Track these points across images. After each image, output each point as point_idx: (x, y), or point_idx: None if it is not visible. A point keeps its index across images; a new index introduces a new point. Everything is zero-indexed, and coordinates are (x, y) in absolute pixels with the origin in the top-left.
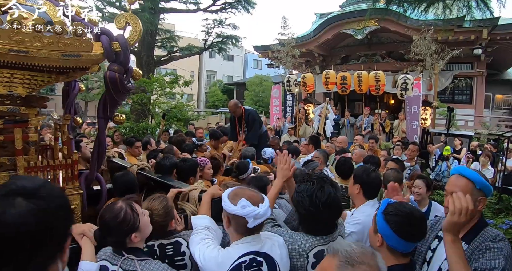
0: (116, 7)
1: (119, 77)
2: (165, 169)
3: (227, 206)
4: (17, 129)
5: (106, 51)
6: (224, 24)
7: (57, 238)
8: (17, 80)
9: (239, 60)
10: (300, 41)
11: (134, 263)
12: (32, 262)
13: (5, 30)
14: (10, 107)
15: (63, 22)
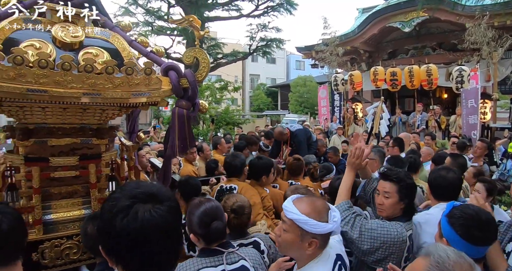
0: (164, 20)
1: (186, 113)
2: (236, 169)
3: (320, 227)
4: (91, 165)
5: (175, 87)
6: (268, 27)
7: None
8: (89, 114)
9: (282, 62)
10: (344, 38)
11: (236, 254)
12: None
13: (79, 75)
14: (83, 138)
15: (133, 63)
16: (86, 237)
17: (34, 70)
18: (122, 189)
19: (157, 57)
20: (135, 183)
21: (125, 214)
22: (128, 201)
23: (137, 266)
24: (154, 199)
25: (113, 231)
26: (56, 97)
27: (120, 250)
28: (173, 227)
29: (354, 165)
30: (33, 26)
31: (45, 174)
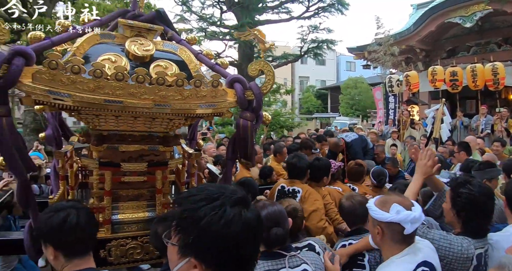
0: (216, 25)
1: (250, 125)
2: (301, 171)
3: (379, 214)
4: (158, 171)
5: (240, 99)
6: (319, 29)
7: None
8: (157, 123)
9: (332, 64)
10: (399, 37)
11: (298, 258)
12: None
13: (152, 87)
14: (150, 146)
15: (202, 76)
16: (156, 238)
17: (111, 82)
18: (207, 191)
19: (222, 69)
20: (219, 187)
21: (219, 217)
22: (219, 204)
23: (229, 268)
24: (242, 203)
25: (205, 234)
26: (129, 107)
27: (211, 253)
28: (259, 230)
29: (424, 168)
30: (108, 40)
31: (116, 178)
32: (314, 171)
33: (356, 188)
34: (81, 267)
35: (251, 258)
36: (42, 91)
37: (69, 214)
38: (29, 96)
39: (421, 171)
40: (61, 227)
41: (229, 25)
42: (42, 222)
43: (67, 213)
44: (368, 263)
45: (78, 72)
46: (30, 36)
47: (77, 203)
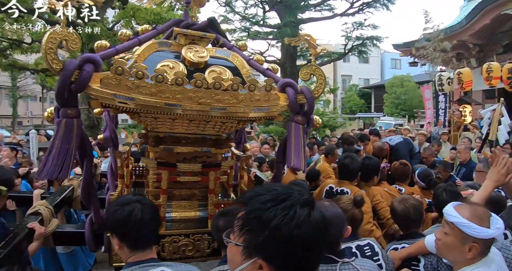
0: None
1: (302, 129)
2: (352, 172)
3: (479, 231)
4: (211, 172)
5: (292, 103)
6: (363, 25)
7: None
8: (210, 126)
9: (376, 61)
10: (449, 32)
11: (351, 265)
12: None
13: (209, 91)
14: (203, 148)
15: (256, 80)
16: (217, 231)
17: (171, 87)
18: (274, 192)
19: (273, 74)
20: (284, 187)
21: (290, 218)
22: (289, 205)
23: (294, 269)
24: (310, 204)
25: (275, 235)
26: (188, 111)
27: (280, 255)
28: (327, 232)
29: (497, 176)
30: (165, 48)
31: (172, 177)
32: (364, 170)
33: (402, 189)
34: (144, 258)
35: (317, 260)
36: (108, 94)
37: (134, 209)
38: (97, 99)
39: (494, 178)
40: (126, 220)
41: (272, 24)
42: (110, 215)
43: (132, 208)
44: (424, 268)
45: (141, 77)
46: (97, 45)
47: (143, 198)
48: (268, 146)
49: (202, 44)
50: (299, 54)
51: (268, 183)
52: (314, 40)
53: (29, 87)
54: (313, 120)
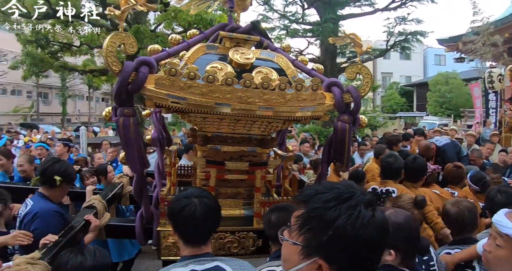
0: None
1: (348, 128)
2: (396, 171)
3: None
4: (258, 171)
5: (338, 102)
6: (407, 20)
7: None
8: (256, 126)
9: (418, 58)
10: (500, 24)
11: None
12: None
13: (257, 91)
14: (249, 147)
15: (302, 80)
16: (269, 226)
17: (221, 87)
18: (336, 190)
19: (319, 73)
20: (346, 185)
21: (355, 218)
22: (354, 204)
23: (359, 269)
24: (373, 204)
25: (339, 236)
26: (236, 110)
27: (342, 255)
28: (388, 233)
29: None
30: (212, 51)
31: (220, 175)
32: (411, 171)
33: (455, 192)
34: (199, 252)
35: (378, 261)
36: (162, 94)
37: (188, 204)
38: (151, 99)
39: None
40: (179, 214)
41: (311, 21)
42: (172, 204)
43: (188, 203)
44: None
45: (193, 78)
46: (150, 49)
47: (205, 194)
48: (308, 144)
49: (246, 46)
50: (339, 51)
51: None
52: (359, 39)
53: (77, 87)
54: (359, 119)
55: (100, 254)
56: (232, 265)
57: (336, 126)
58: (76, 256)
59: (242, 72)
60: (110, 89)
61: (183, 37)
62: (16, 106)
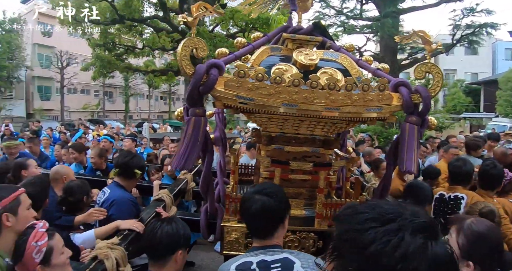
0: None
1: (417, 130)
2: (466, 176)
3: None
4: (322, 172)
5: (406, 103)
6: (475, 11)
7: None
8: (320, 127)
9: (486, 52)
10: None
11: None
12: None
13: (323, 92)
14: (312, 148)
15: (369, 80)
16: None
17: (288, 88)
18: (379, 210)
19: (384, 73)
20: (395, 205)
21: (393, 247)
22: (395, 228)
23: None
24: (427, 231)
25: (370, 266)
26: (302, 111)
27: None
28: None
29: None
30: (276, 53)
31: (284, 175)
32: (488, 178)
33: None
34: (269, 244)
35: None
36: (231, 96)
37: (256, 201)
38: (220, 100)
39: None
40: (246, 208)
41: (370, 16)
42: (241, 199)
43: (255, 200)
44: None
45: (261, 79)
46: (218, 52)
47: (273, 192)
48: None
49: (309, 47)
50: (399, 47)
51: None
52: (428, 36)
53: (138, 86)
54: (428, 120)
55: (186, 225)
56: (300, 258)
57: (404, 127)
58: (170, 224)
59: (306, 73)
60: (168, 88)
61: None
62: (85, 103)
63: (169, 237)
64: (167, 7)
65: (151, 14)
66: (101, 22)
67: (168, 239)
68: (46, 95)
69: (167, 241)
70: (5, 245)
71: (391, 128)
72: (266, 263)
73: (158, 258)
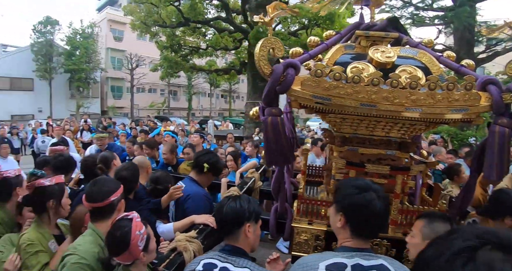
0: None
1: (508, 133)
2: None
3: None
4: (399, 176)
5: (496, 103)
6: None
7: None
8: (396, 128)
9: None
10: None
11: None
12: None
13: (404, 91)
14: (388, 150)
15: (455, 78)
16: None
17: (367, 87)
18: (462, 232)
19: (469, 70)
20: (483, 229)
21: (465, 262)
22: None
23: None
24: (506, 248)
25: None
26: (381, 111)
27: None
28: None
29: None
30: (350, 51)
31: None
32: None
33: None
34: (364, 246)
35: None
36: (307, 95)
37: (373, 198)
38: (296, 100)
39: None
40: (364, 208)
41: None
42: (346, 196)
43: (372, 197)
44: None
45: (339, 79)
46: (292, 52)
47: (380, 189)
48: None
49: (383, 44)
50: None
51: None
52: None
53: (200, 85)
54: None
55: (252, 200)
56: (395, 266)
57: (493, 130)
58: (234, 201)
59: (383, 71)
60: (229, 87)
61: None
62: (152, 101)
63: (234, 211)
64: (229, 8)
65: (213, 16)
66: (167, 25)
67: (233, 213)
68: (118, 94)
69: (232, 216)
70: (107, 229)
71: (467, 130)
72: (363, 268)
73: (229, 232)
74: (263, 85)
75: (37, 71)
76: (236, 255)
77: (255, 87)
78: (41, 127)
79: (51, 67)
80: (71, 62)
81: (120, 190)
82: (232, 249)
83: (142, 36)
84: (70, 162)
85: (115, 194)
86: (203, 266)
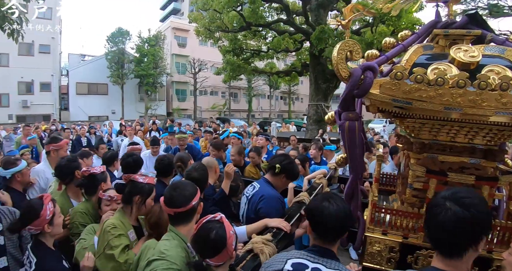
0: None
1: None
2: None
3: None
4: (485, 187)
5: None
6: None
7: None
8: (482, 134)
9: None
10: None
11: None
12: None
13: (494, 94)
14: (472, 159)
15: None
16: None
17: (452, 90)
18: None
19: None
20: None
21: None
22: None
23: None
24: None
25: None
26: (468, 116)
27: None
28: None
29: None
30: (429, 51)
31: (440, 187)
32: None
33: None
34: (454, 269)
35: None
36: (387, 99)
37: (446, 210)
38: (373, 104)
39: None
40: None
41: None
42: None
43: (445, 207)
44: None
45: (421, 81)
46: (368, 54)
47: (472, 203)
48: None
49: (464, 42)
50: None
51: None
52: None
53: (260, 87)
54: None
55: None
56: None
57: None
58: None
59: (467, 72)
60: (288, 89)
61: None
62: (213, 103)
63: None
64: (289, 10)
65: (273, 19)
66: (230, 30)
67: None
68: (182, 97)
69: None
70: (190, 233)
71: None
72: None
73: (333, 239)
74: (326, 86)
75: (111, 77)
76: (326, 256)
77: (318, 88)
78: (113, 127)
79: (123, 73)
80: (140, 68)
81: (199, 193)
82: (321, 250)
83: (206, 41)
84: (138, 163)
85: (196, 198)
86: (292, 266)
